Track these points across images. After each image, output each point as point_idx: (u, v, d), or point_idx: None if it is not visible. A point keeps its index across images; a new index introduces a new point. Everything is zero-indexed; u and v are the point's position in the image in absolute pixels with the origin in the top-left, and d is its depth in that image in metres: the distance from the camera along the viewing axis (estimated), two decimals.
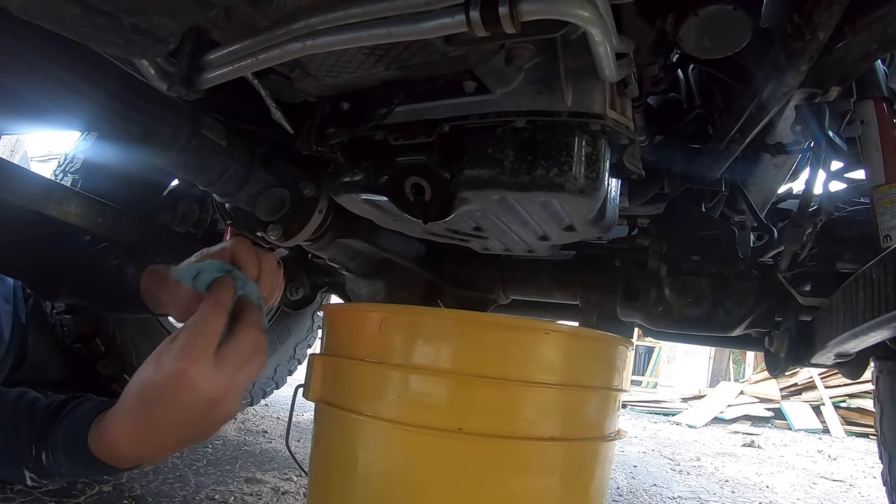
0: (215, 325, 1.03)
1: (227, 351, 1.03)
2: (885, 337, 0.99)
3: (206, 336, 1.01)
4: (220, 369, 1.01)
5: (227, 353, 1.03)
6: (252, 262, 1.20)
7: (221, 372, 1.01)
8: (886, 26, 1.05)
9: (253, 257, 1.21)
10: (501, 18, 0.80)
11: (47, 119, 1.55)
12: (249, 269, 1.19)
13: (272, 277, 1.25)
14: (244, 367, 1.05)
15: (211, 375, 0.99)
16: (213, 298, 1.07)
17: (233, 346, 1.04)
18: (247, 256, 1.20)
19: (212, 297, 1.07)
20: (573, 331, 1.21)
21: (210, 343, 1.01)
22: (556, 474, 1.12)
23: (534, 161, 1.12)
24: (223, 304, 1.07)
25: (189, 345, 1.00)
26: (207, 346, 1.00)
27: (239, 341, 1.05)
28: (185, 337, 1.01)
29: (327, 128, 1.26)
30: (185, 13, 0.79)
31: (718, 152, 1.41)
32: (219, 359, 1.01)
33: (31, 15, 0.75)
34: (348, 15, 0.88)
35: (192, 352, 0.99)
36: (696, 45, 1.11)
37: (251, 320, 1.09)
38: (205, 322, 1.03)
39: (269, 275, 1.23)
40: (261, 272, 1.21)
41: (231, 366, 1.02)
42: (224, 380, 1.01)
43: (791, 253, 1.40)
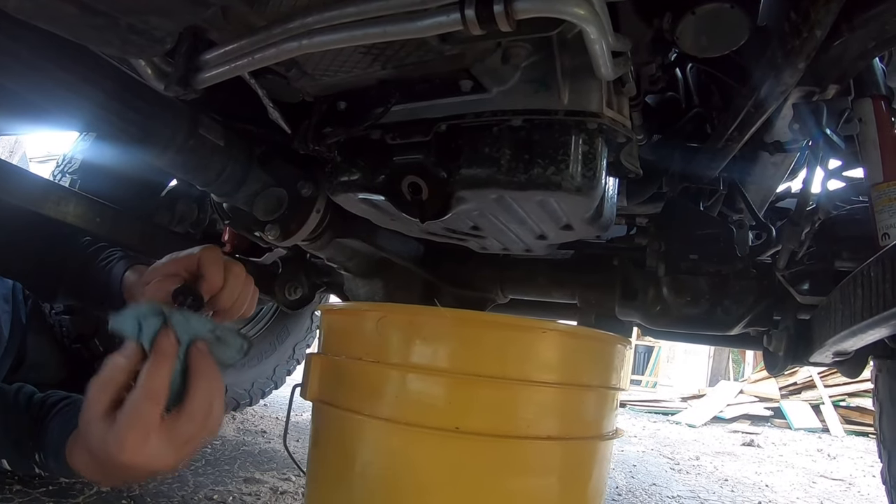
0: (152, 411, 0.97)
1: (171, 432, 0.98)
2: (884, 335, 0.99)
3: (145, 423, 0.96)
4: (164, 450, 0.98)
5: (170, 434, 0.98)
6: (216, 273, 1.16)
7: (165, 452, 0.98)
8: (884, 24, 1.04)
9: (218, 267, 1.17)
10: (496, 17, 0.80)
11: (46, 119, 1.55)
12: (213, 279, 1.15)
13: (238, 288, 1.20)
14: (190, 441, 1.02)
15: (154, 458, 0.97)
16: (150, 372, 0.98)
17: (178, 428, 0.99)
18: (212, 266, 1.16)
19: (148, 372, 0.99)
20: (571, 330, 1.21)
21: (149, 428, 0.96)
22: (554, 473, 1.12)
23: (530, 160, 1.12)
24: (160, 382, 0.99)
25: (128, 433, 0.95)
26: (147, 432, 0.96)
27: (184, 423, 1.00)
28: (125, 422, 0.95)
29: (324, 127, 1.26)
30: (181, 13, 0.79)
31: (716, 151, 1.41)
32: (161, 440, 0.97)
33: (28, 15, 0.75)
34: (343, 14, 0.88)
35: (132, 442, 0.95)
36: (693, 43, 1.10)
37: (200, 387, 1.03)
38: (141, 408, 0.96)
39: (234, 286, 1.19)
40: (225, 283, 1.17)
41: (175, 445, 0.99)
42: (169, 457, 0.99)
43: (789, 252, 1.40)
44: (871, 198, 1.29)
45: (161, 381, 0.99)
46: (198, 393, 1.02)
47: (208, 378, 1.04)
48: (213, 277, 1.15)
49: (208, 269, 1.15)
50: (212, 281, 1.15)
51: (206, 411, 1.02)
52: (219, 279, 1.16)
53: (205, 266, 1.16)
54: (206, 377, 1.04)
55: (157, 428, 0.97)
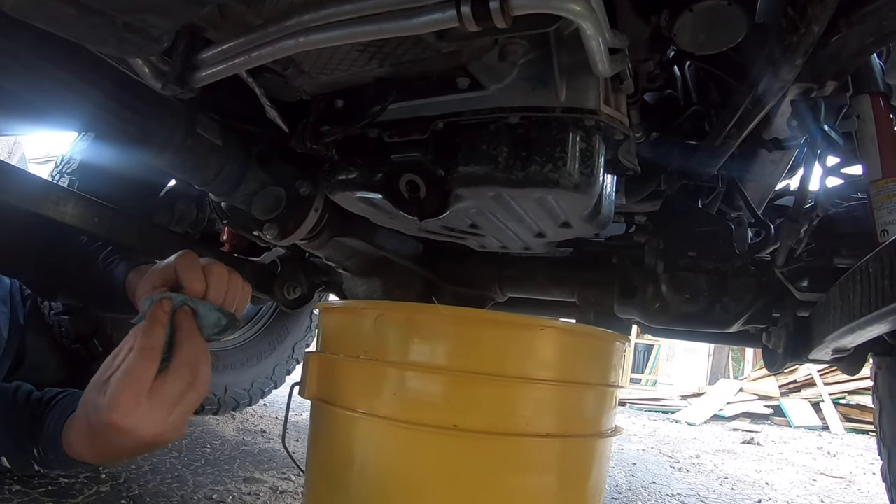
0: (146, 369, 1.02)
1: (160, 391, 1.03)
2: (883, 331, 0.99)
3: (137, 381, 1.01)
4: (154, 412, 1.02)
5: (160, 394, 1.03)
6: (194, 278, 1.17)
7: (155, 414, 1.02)
8: (882, 19, 1.05)
9: (195, 272, 1.18)
10: (492, 13, 0.80)
11: (44, 119, 1.55)
12: (192, 285, 1.17)
13: (221, 287, 1.21)
14: (179, 402, 1.06)
15: (145, 421, 1.01)
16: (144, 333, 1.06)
17: (166, 386, 1.04)
18: (189, 273, 1.18)
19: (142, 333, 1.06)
20: (569, 327, 1.21)
21: (141, 388, 1.01)
22: (552, 471, 1.12)
23: (528, 157, 1.12)
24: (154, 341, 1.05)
25: (119, 393, 1.00)
26: (139, 392, 1.01)
27: (172, 380, 1.05)
28: (117, 383, 1.01)
29: (322, 126, 1.26)
30: (177, 11, 0.79)
31: (715, 148, 1.41)
32: (152, 401, 1.02)
33: (25, 14, 0.75)
34: (340, 12, 0.88)
35: (123, 401, 0.99)
36: (691, 40, 1.11)
37: (185, 348, 1.08)
38: (135, 366, 1.02)
39: (217, 286, 1.20)
40: (207, 286, 1.18)
41: (165, 406, 1.03)
42: (159, 421, 1.03)
43: (787, 249, 1.40)
44: (869, 194, 1.29)
45: (154, 341, 1.04)
46: (182, 350, 1.07)
47: (191, 338, 1.09)
48: (193, 284, 1.17)
49: (185, 277, 1.17)
50: (192, 287, 1.17)
51: (192, 368, 1.07)
52: (199, 284, 1.18)
53: (181, 274, 1.18)
54: (190, 337, 1.09)
55: (149, 387, 1.01)
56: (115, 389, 1.01)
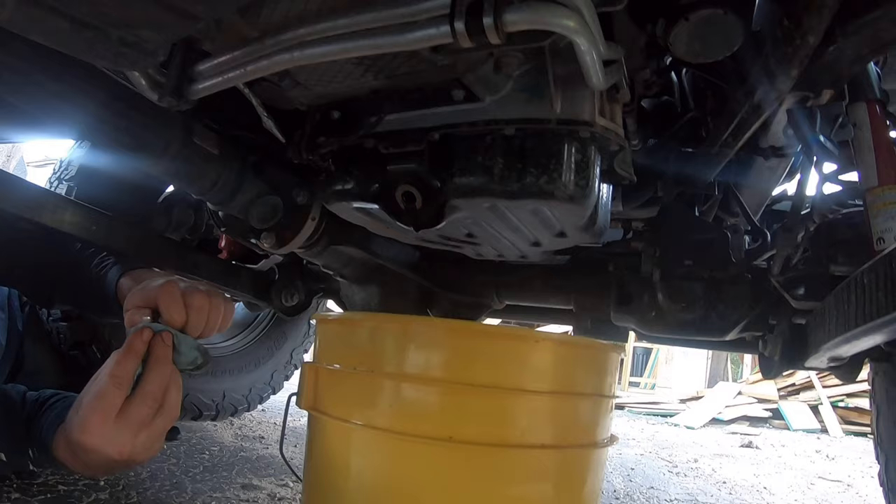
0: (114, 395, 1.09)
1: (126, 415, 1.09)
2: (878, 342, 0.99)
3: (105, 405, 1.08)
4: (120, 434, 1.08)
5: (126, 417, 1.09)
6: (175, 311, 1.22)
7: (122, 436, 1.09)
8: (877, 30, 1.05)
9: (176, 305, 1.22)
10: (486, 29, 0.80)
11: (40, 128, 1.55)
12: (173, 317, 1.21)
13: (201, 320, 1.25)
14: (146, 425, 1.12)
15: (112, 442, 1.07)
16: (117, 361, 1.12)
17: (133, 410, 1.10)
18: (171, 306, 1.22)
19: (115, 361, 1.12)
20: (564, 339, 1.22)
21: (108, 411, 1.08)
22: (548, 481, 1.12)
23: (523, 169, 1.12)
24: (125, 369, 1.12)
25: (88, 415, 1.07)
26: (106, 415, 1.07)
27: (138, 404, 1.11)
28: (87, 405, 1.09)
29: (318, 136, 1.26)
30: (172, 26, 0.79)
31: (711, 156, 1.41)
32: (119, 424, 1.08)
33: (20, 28, 0.75)
34: (335, 26, 0.89)
35: (91, 423, 1.07)
36: (687, 49, 1.11)
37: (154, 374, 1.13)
38: (105, 391, 1.09)
39: (196, 319, 1.24)
40: (188, 318, 1.23)
41: (131, 429, 1.09)
42: (125, 442, 1.09)
43: (784, 258, 1.40)
44: (865, 202, 1.29)
45: (125, 369, 1.11)
46: (150, 375, 1.13)
47: (162, 364, 1.15)
48: (173, 316, 1.22)
49: (166, 309, 1.22)
50: (172, 320, 1.21)
51: (158, 393, 1.13)
52: (179, 316, 1.22)
53: (163, 308, 1.22)
54: (161, 363, 1.14)
55: (116, 411, 1.08)
56: (84, 411, 1.08)
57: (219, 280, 1.98)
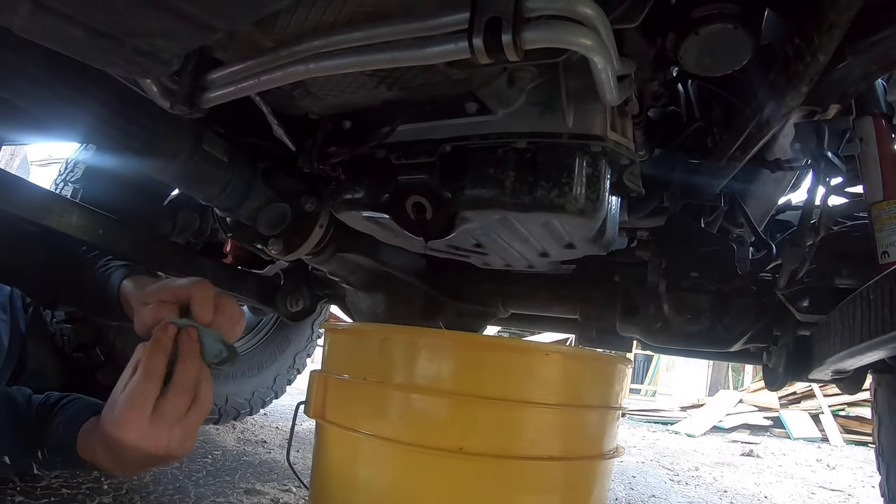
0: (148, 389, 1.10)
1: (162, 410, 1.10)
2: (882, 356, 0.99)
3: (140, 401, 1.09)
4: (157, 429, 1.10)
5: (162, 412, 1.10)
6: (206, 311, 1.23)
7: (159, 431, 1.10)
8: (887, 48, 1.05)
9: (208, 306, 1.24)
10: (504, 47, 0.80)
11: (48, 131, 1.56)
12: (202, 317, 1.22)
13: (227, 325, 1.27)
14: (181, 419, 1.13)
15: (149, 437, 1.09)
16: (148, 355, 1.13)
17: (168, 404, 1.11)
18: (202, 305, 1.23)
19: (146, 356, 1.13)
20: (572, 352, 1.22)
21: (144, 407, 1.09)
22: (556, 493, 1.13)
23: (535, 182, 1.12)
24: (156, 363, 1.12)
25: (124, 411, 1.08)
26: (142, 411, 1.08)
27: (172, 399, 1.12)
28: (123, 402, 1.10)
29: (329, 146, 1.27)
30: (187, 37, 0.79)
31: (718, 169, 1.42)
32: (155, 419, 1.09)
33: (33, 35, 0.75)
34: (351, 38, 0.89)
35: (128, 419, 1.08)
36: (696, 63, 1.11)
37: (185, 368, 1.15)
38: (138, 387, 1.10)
39: (222, 323, 1.26)
40: (214, 321, 1.24)
41: (167, 423, 1.11)
42: (162, 437, 1.10)
43: (789, 272, 1.40)
44: (870, 216, 1.29)
45: (158, 363, 1.12)
46: (181, 368, 1.14)
47: (192, 358, 1.16)
48: (203, 315, 1.23)
49: (198, 307, 1.23)
50: (201, 318, 1.22)
51: (190, 386, 1.14)
52: (208, 317, 1.23)
53: (195, 303, 1.23)
54: (191, 357, 1.16)
55: (152, 406, 1.09)
56: (120, 408, 1.08)
57: (224, 285, 1.98)
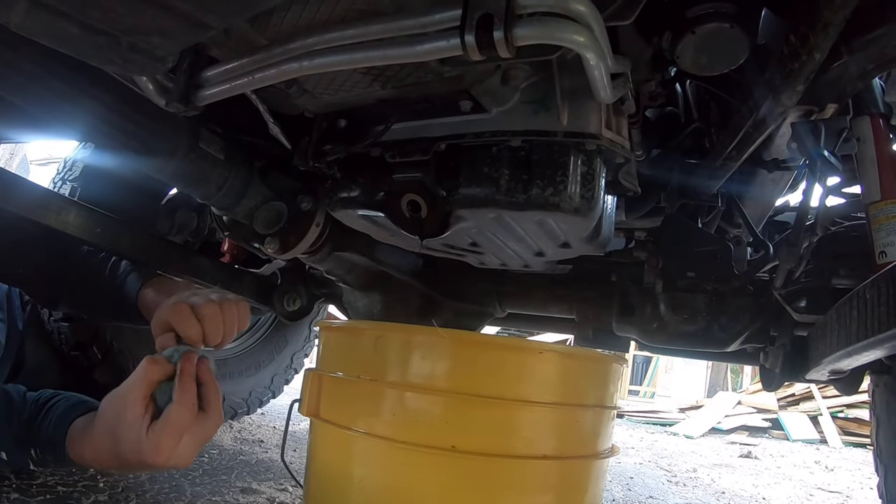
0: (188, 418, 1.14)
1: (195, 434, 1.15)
2: (879, 356, 0.99)
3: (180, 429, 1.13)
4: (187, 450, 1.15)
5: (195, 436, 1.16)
6: (190, 328, 1.25)
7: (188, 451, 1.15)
8: (883, 47, 1.05)
9: (190, 322, 1.25)
10: (496, 43, 0.80)
11: (46, 129, 1.56)
12: (189, 334, 1.25)
13: (216, 328, 1.28)
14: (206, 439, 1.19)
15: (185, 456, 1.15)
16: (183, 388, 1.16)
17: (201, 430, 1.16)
18: (184, 325, 1.25)
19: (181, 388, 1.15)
20: (567, 351, 1.22)
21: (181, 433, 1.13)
22: (550, 492, 1.12)
23: (529, 180, 1.12)
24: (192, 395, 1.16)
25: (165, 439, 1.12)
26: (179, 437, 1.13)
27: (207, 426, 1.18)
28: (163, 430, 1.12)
29: (324, 144, 1.27)
30: (182, 35, 0.79)
31: (715, 169, 1.41)
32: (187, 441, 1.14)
33: (30, 32, 0.75)
34: (344, 36, 0.89)
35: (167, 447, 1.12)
36: (693, 62, 1.11)
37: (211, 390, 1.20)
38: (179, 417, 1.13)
39: (212, 328, 1.27)
40: (204, 331, 1.26)
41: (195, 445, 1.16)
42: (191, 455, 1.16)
43: (786, 271, 1.40)
44: (868, 215, 1.29)
45: (192, 395, 1.15)
46: (212, 398, 1.19)
47: (213, 384, 1.20)
48: (189, 333, 1.25)
49: (181, 328, 1.25)
50: (189, 336, 1.25)
51: (221, 412, 1.20)
52: (195, 332, 1.25)
53: (177, 327, 1.26)
54: (212, 383, 1.20)
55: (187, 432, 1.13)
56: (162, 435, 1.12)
57: (222, 284, 1.98)
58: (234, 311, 1.31)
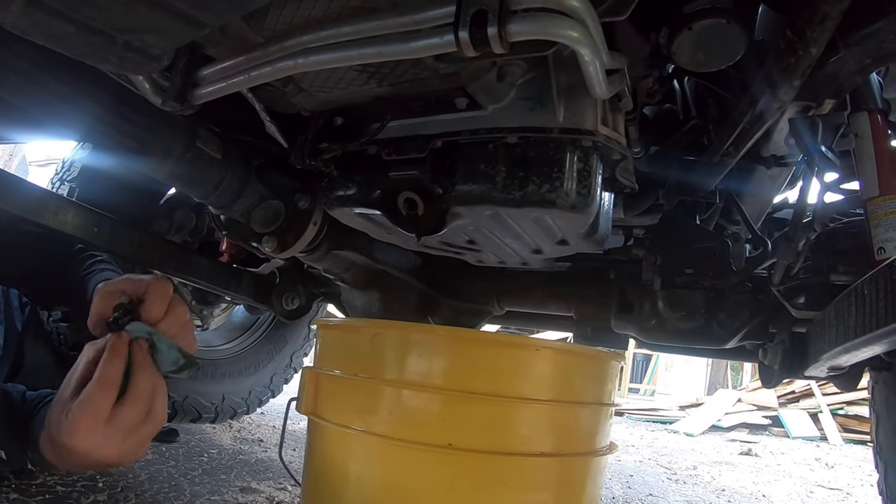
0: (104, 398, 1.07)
1: (116, 420, 1.08)
2: (878, 352, 0.99)
3: (95, 410, 1.06)
4: (110, 439, 1.07)
5: (116, 422, 1.08)
6: (157, 306, 1.21)
7: (111, 440, 1.08)
8: (880, 41, 1.05)
9: (161, 302, 1.22)
10: (490, 39, 0.80)
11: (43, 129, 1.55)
12: (153, 310, 1.21)
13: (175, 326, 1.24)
14: (135, 430, 1.11)
15: (101, 446, 1.07)
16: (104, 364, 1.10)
17: (122, 415, 1.09)
18: (156, 299, 1.22)
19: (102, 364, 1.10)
20: (564, 347, 1.22)
21: (99, 416, 1.06)
22: (548, 489, 1.12)
23: (525, 177, 1.12)
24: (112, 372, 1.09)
25: (79, 419, 1.05)
26: (96, 420, 1.06)
27: (127, 410, 1.10)
28: (77, 409, 1.06)
29: (321, 142, 1.27)
30: (177, 32, 0.79)
31: (713, 165, 1.41)
32: (108, 428, 1.07)
33: (25, 32, 0.75)
34: (339, 33, 0.89)
35: (82, 427, 1.05)
36: (690, 58, 1.11)
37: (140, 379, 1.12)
38: (94, 395, 1.07)
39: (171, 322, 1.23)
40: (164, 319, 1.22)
41: (120, 434, 1.09)
42: (114, 446, 1.08)
43: (784, 268, 1.40)
44: (866, 211, 1.29)
45: (113, 373, 1.09)
46: (137, 381, 1.12)
47: (146, 369, 1.14)
48: (153, 309, 1.21)
49: (151, 300, 1.21)
50: (151, 311, 1.21)
51: (146, 399, 1.12)
52: (158, 312, 1.21)
53: (149, 296, 1.22)
54: (145, 368, 1.13)
55: (106, 415, 1.06)
56: (75, 415, 1.05)
57: (220, 283, 1.98)
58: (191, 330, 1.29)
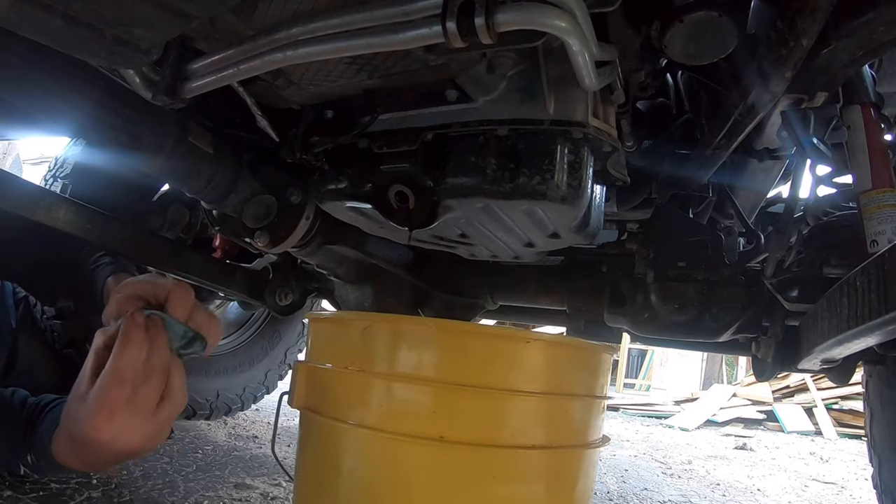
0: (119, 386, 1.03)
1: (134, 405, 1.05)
2: (871, 343, 0.99)
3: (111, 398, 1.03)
4: (130, 425, 1.05)
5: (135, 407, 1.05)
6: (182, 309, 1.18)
7: (131, 427, 1.05)
8: (871, 32, 1.05)
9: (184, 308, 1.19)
10: (478, 29, 0.80)
11: (35, 126, 1.55)
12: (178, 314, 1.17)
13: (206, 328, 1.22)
14: (155, 413, 1.08)
15: (121, 433, 1.04)
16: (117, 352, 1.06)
17: (140, 399, 1.06)
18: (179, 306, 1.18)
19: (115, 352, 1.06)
20: (555, 339, 1.21)
21: (115, 405, 1.03)
22: (540, 482, 1.12)
23: (516, 169, 1.12)
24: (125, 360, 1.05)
25: (96, 409, 1.02)
26: (113, 408, 1.03)
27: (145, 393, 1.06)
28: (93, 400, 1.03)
29: (311, 136, 1.27)
30: (165, 25, 0.79)
31: (705, 158, 1.41)
32: (127, 415, 1.04)
33: (13, 26, 0.75)
34: (328, 25, 0.89)
35: (100, 418, 1.02)
36: (681, 51, 1.11)
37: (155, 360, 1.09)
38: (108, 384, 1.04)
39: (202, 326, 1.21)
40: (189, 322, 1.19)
41: (140, 419, 1.06)
42: (135, 432, 1.06)
43: (776, 260, 1.40)
44: (859, 205, 1.29)
45: (126, 362, 1.04)
46: (150, 358, 1.08)
47: (162, 350, 1.10)
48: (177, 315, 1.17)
49: (174, 306, 1.18)
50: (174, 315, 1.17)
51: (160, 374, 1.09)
52: (182, 317, 1.18)
53: (172, 303, 1.18)
54: (160, 349, 1.09)
55: (123, 403, 1.03)
56: (91, 405, 1.03)
57: (213, 279, 1.98)
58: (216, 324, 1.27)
